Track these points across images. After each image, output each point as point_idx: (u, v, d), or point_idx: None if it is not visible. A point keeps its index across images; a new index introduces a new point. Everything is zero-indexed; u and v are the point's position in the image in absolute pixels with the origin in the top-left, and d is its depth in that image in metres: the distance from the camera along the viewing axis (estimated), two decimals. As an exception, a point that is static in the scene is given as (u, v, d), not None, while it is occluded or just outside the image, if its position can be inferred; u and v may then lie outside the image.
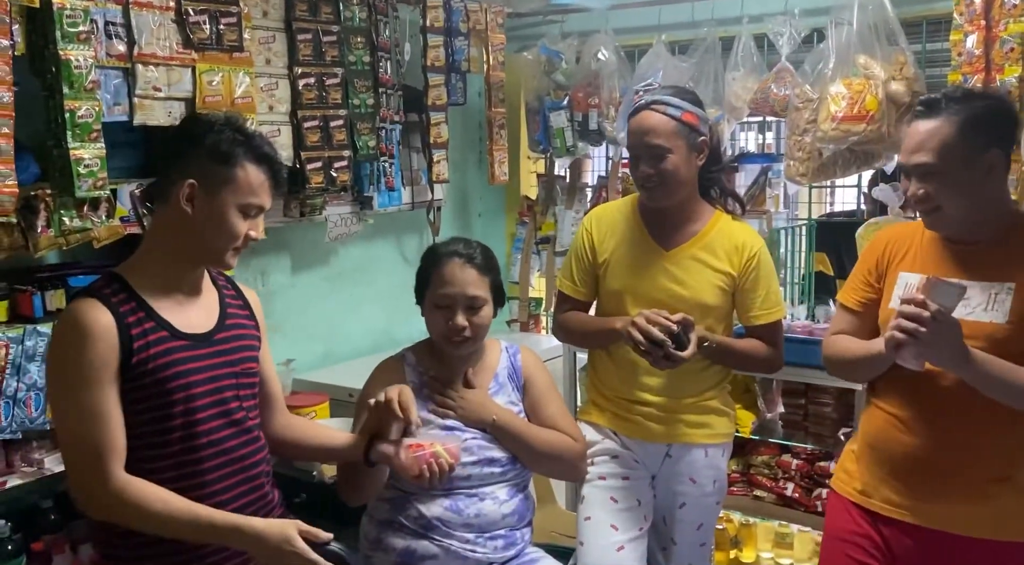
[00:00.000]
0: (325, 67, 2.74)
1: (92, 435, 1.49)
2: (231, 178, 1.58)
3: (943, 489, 1.73)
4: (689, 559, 2.23)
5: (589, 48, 3.33)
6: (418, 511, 1.98)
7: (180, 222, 1.59)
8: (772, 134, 3.64)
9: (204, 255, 1.64)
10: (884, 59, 2.67)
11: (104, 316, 1.52)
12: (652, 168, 2.07)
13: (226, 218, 1.59)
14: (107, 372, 1.51)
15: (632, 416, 2.18)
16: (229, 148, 1.58)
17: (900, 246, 1.86)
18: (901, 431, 1.78)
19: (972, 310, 1.70)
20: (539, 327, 3.82)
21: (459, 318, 1.99)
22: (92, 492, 1.52)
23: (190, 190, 1.57)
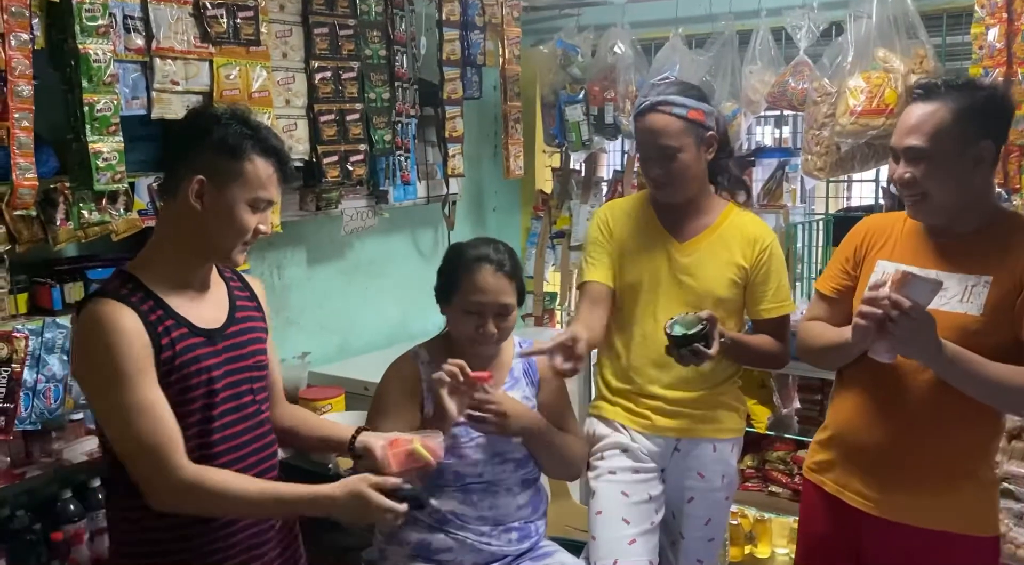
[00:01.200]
0: (341, 61, 2.74)
1: (150, 432, 1.48)
2: (240, 172, 1.55)
3: (908, 482, 1.75)
4: (697, 554, 2.23)
5: (605, 42, 3.32)
6: (431, 506, 1.98)
7: (189, 218, 1.57)
8: (789, 128, 3.61)
9: (213, 251, 1.62)
10: (903, 52, 2.65)
11: (130, 317, 1.51)
12: (662, 168, 2.09)
13: (235, 213, 1.57)
14: (148, 367, 1.51)
15: (640, 410, 2.19)
16: (237, 142, 1.56)
17: (880, 235, 1.85)
18: (868, 422, 1.79)
19: (947, 301, 1.70)
20: (553, 321, 3.82)
21: (490, 326, 1.98)
22: (163, 486, 1.51)
23: (199, 186, 1.55)
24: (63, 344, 2.13)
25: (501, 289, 1.99)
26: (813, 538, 1.94)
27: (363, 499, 1.54)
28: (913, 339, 1.60)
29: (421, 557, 2.00)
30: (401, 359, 2.11)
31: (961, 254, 1.73)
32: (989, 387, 1.64)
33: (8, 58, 1.91)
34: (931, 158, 1.67)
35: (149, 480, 1.52)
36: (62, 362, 2.13)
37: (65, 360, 2.13)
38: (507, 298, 2.00)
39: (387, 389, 2.04)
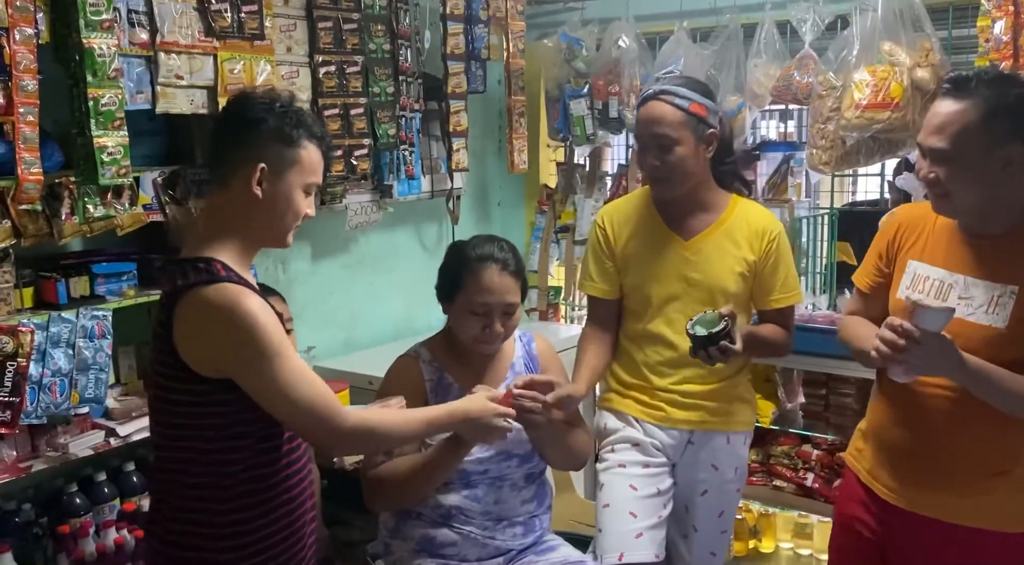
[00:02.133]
0: (345, 55, 2.74)
1: (314, 393, 1.55)
2: (296, 159, 1.59)
3: (940, 482, 1.73)
4: (710, 546, 2.23)
5: (610, 35, 3.31)
6: (436, 500, 1.99)
7: (247, 206, 1.58)
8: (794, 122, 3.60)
9: (272, 236, 1.65)
10: (909, 46, 2.63)
11: (255, 296, 1.54)
12: (658, 160, 2.06)
13: (293, 199, 1.60)
14: (287, 338, 1.57)
15: (655, 403, 2.18)
16: (292, 129, 1.59)
17: (912, 231, 1.82)
18: (900, 424, 1.78)
19: (973, 311, 1.67)
20: (558, 316, 3.82)
21: (497, 326, 1.97)
22: (338, 435, 1.59)
23: (261, 173, 1.56)
24: (69, 338, 2.13)
25: (507, 288, 1.98)
26: (847, 520, 1.92)
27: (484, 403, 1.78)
28: (927, 364, 1.61)
29: (425, 551, 2.00)
30: (403, 359, 2.09)
31: (992, 259, 1.68)
32: (1013, 400, 1.62)
33: (13, 52, 1.91)
34: (954, 161, 1.61)
35: (325, 434, 1.59)
36: (67, 356, 2.13)
37: (71, 354, 2.13)
38: (513, 297, 1.99)
39: (391, 391, 2.01)
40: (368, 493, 1.99)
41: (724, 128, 2.15)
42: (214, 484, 1.57)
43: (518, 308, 2.02)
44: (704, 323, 1.95)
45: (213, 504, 1.57)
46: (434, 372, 2.05)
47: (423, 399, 2.01)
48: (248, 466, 1.58)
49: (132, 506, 2.32)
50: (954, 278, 1.70)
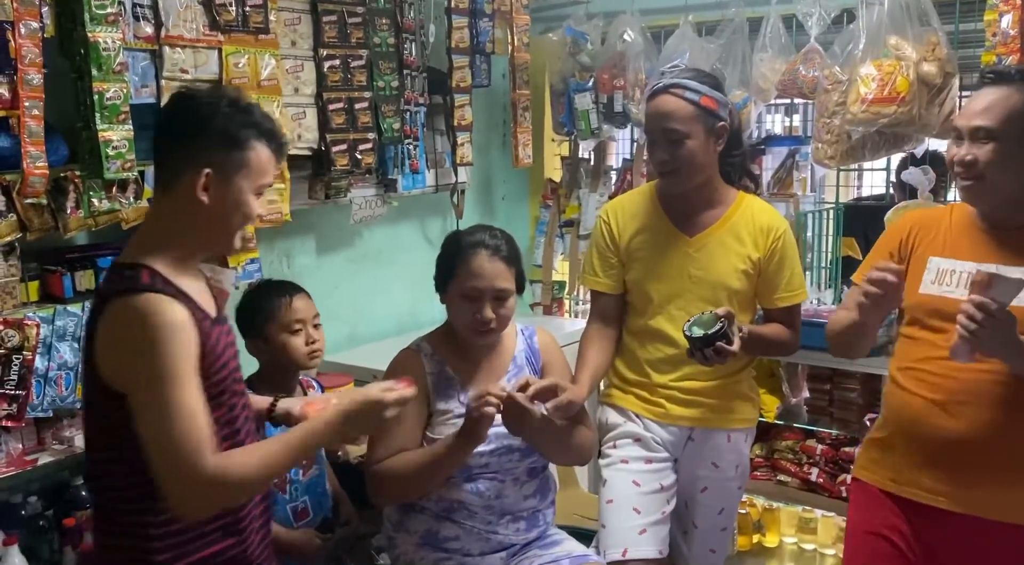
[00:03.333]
0: (350, 49, 2.74)
1: (187, 434, 1.39)
2: (245, 162, 1.50)
3: (981, 474, 1.71)
4: (710, 543, 2.23)
5: (615, 29, 3.30)
6: (439, 494, 1.99)
7: (190, 212, 1.49)
8: (799, 117, 3.59)
9: (215, 243, 1.58)
10: (916, 40, 2.62)
11: (181, 310, 1.44)
12: (668, 154, 2.05)
13: (242, 203, 1.52)
14: (194, 365, 1.44)
15: (655, 399, 2.18)
16: (239, 130, 1.49)
17: (927, 230, 1.82)
18: (937, 416, 1.74)
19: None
20: (562, 310, 3.82)
21: (487, 311, 1.97)
22: (192, 489, 1.41)
23: (207, 180, 1.48)
24: (74, 332, 2.14)
25: (497, 273, 1.98)
26: (871, 538, 1.87)
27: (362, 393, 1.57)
28: (997, 338, 1.60)
29: (429, 545, 2.01)
30: (404, 353, 2.09)
31: (1018, 247, 1.70)
32: None
33: (18, 46, 1.91)
34: (998, 140, 1.64)
35: (177, 484, 1.41)
36: (73, 350, 2.14)
37: (76, 348, 2.14)
38: (503, 283, 1.98)
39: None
40: (372, 487, 1.99)
41: (733, 120, 2.14)
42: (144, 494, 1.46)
43: (511, 297, 2.01)
44: (700, 324, 1.94)
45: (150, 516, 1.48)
46: (435, 365, 2.05)
47: (425, 393, 2.01)
48: None
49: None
50: (985, 267, 1.69)
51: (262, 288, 2.27)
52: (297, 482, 2.14)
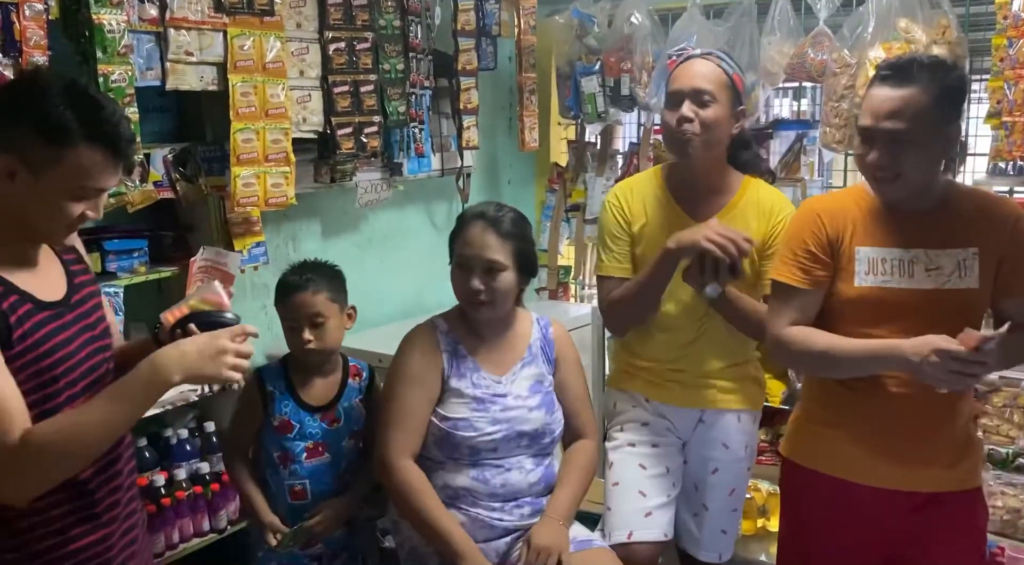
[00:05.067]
0: (356, 31, 2.72)
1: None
2: (60, 160, 1.34)
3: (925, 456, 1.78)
4: (721, 525, 2.24)
5: (622, 12, 3.27)
6: (444, 481, 2.00)
7: (2, 196, 1.37)
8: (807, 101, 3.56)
9: (35, 234, 1.44)
10: (926, 22, 2.60)
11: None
12: (692, 113, 2.00)
13: (52, 203, 1.37)
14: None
15: (665, 382, 2.18)
16: (59, 125, 1.33)
17: (843, 219, 1.80)
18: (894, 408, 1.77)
19: (948, 279, 1.73)
20: (568, 295, 3.82)
21: (475, 280, 1.98)
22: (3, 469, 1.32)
23: (8, 167, 1.34)
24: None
25: (487, 244, 1.98)
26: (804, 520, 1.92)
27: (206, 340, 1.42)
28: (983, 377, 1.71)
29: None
30: (419, 328, 2.10)
31: (936, 230, 1.74)
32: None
33: (23, 28, 1.90)
34: (911, 142, 1.66)
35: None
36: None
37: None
38: (493, 254, 1.98)
39: (408, 359, 2.04)
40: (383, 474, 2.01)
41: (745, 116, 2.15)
42: None
43: (504, 271, 1.99)
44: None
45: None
46: (450, 343, 2.06)
47: (440, 368, 2.02)
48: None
49: (144, 481, 2.35)
50: (912, 253, 1.74)
51: (291, 273, 2.17)
52: (299, 463, 2.13)
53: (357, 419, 2.19)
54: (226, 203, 2.51)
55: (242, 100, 2.39)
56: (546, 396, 2.09)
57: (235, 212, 2.49)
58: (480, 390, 2.02)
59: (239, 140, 2.40)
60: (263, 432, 2.15)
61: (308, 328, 2.09)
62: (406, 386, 2.00)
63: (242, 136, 2.40)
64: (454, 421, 1.99)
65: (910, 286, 1.74)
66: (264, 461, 2.16)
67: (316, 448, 2.14)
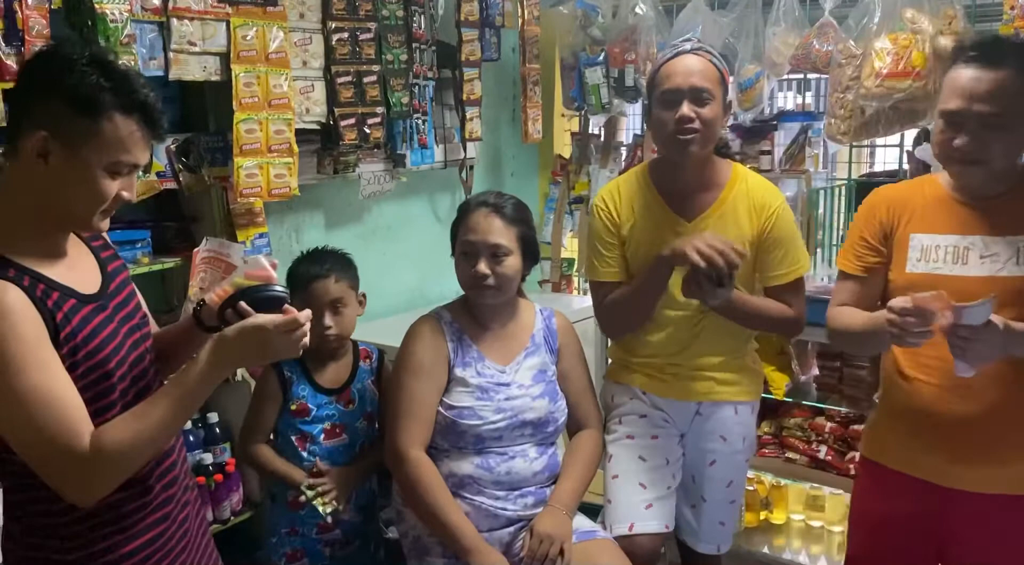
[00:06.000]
0: (359, 22, 2.72)
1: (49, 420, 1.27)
2: (96, 132, 1.29)
3: (991, 453, 1.72)
4: (719, 516, 2.24)
5: (626, 2, 3.25)
6: (449, 469, 2.01)
7: (36, 180, 1.32)
8: (812, 92, 3.55)
9: (68, 219, 1.37)
10: (932, 13, 2.58)
11: (13, 292, 1.27)
12: (692, 112, 1.97)
13: (90, 179, 1.31)
14: (41, 347, 1.28)
15: (662, 375, 2.17)
16: (93, 94, 1.29)
17: (902, 207, 1.80)
18: (946, 401, 1.74)
19: (1003, 265, 1.68)
20: (571, 287, 3.81)
21: (481, 265, 1.99)
22: (74, 472, 1.30)
23: (42, 143, 1.29)
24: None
25: (492, 228, 2.00)
26: (884, 523, 1.88)
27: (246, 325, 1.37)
28: (988, 352, 1.59)
29: (438, 518, 2.02)
30: (424, 319, 2.11)
31: (999, 217, 1.70)
32: None
33: (25, 17, 1.90)
34: (1003, 127, 1.63)
35: (56, 472, 1.31)
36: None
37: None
38: (497, 238, 1.99)
39: (415, 349, 2.04)
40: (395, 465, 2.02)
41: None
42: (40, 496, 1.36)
43: (509, 255, 2.00)
44: None
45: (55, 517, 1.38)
46: (454, 334, 2.07)
47: (446, 358, 2.03)
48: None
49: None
50: (969, 240, 1.71)
51: (306, 261, 2.19)
52: (318, 444, 2.17)
53: (371, 400, 2.24)
54: (229, 194, 2.51)
55: (245, 90, 2.39)
56: (549, 385, 2.09)
57: (238, 203, 2.49)
58: (484, 379, 2.02)
59: (242, 130, 2.39)
60: (280, 418, 2.18)
61: (330, 314, 2.13)
62: (415, 377, 2.01)
63: (245, 126, 2.40)
64: (459, 410, 2.00)
65: (963, 273, 1.70)
66: (281, 446, 2.18)
67: (334, 430, 2.18)
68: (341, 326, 2.16)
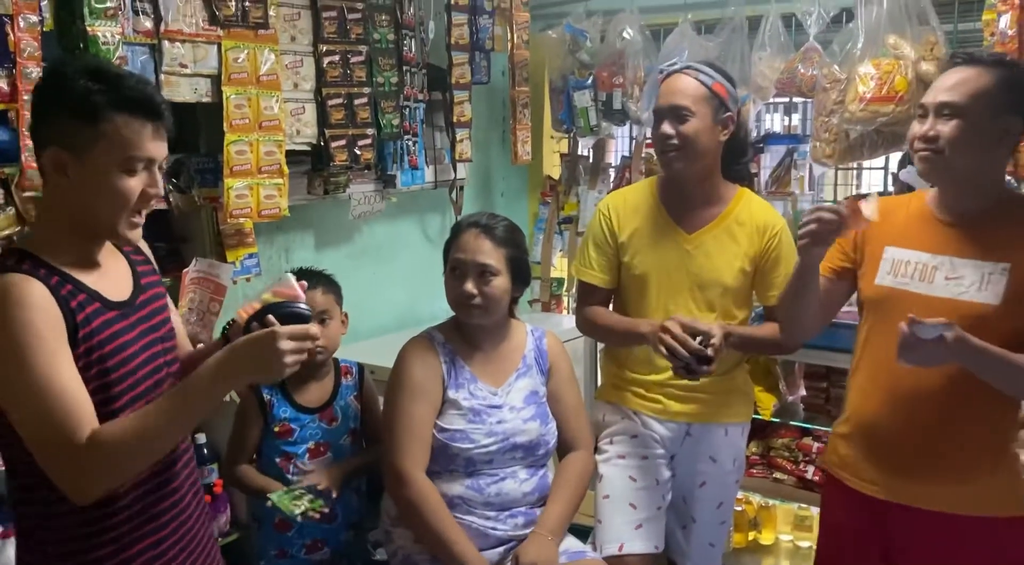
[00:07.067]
0: (350, 45, 2.74)
1: (52, 412, 1.31)
2: (99, 135, 1.34)
3: (937, 473, 1.73)
4: (709, 537, 2.24)
5: (614, 27, 3.30)
6: (439, 490, 1.99)
7: (62, 194, 1.39)
8: (798, 115, 3.59)
9: (99, 226, 1.42)
10: (914, 39, 2.62)
11: (38, 289, 1.33)
12: (672, 129, 2.05)
13: (108, 182, 1.36)
14: (56, 342, 1.32)
15: (652, 395, 2.19)
16: (86, 101, 1.33)
17: (884, 221, 1.80)
18: (890, 417, 1.77)
19: (965, 290, 1.69)
20: (560, 307, 3.82)
21: (468, 284, 2.00)
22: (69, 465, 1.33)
23: (56, 157, 1.35)
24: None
25: (480, 248, 2.01)
26: (837, 532, 1.92)
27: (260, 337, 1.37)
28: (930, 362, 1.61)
29: (427, 539, 2.01)
30: (417, 339, 2.11)
31: (974, 240, 1.71)
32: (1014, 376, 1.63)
33: (17, 40, 1.92)
34: (963, 117, 1.65)
35: (55, 463, 1.34)
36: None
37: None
38: (485, 258, 2.00)
39: (410, 370, 2.04)
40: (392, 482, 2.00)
41: (742, 129, 2.17)
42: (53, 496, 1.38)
43: (497, 276, 2.01)
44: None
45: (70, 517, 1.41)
46: (447, 355, 2.07)
47: (440, 379, 2.03)
48: None
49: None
50: (938, 259, 1.72)
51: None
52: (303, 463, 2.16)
53: (354, 416, 2.24)
54: (219, 214, 2.52)
55: (236, 112, 2.40)
56: (540, 407, 2.10)
57: (228, 223, 2.50)
58: (477, 401, 2.03)
59: (232, 152, 2.41)
60: (264, 440, 2.17)
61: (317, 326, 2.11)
62: (411, 398, 2.01)
63: (235, 148, 2.41)
64: (451, 432, 2.00)
65: (927, 292, 1.71)
66: (265, 468, 2.17)
67: (318, 448, 2.18)
68: (327, 338, 2.16)
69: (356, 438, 2.25)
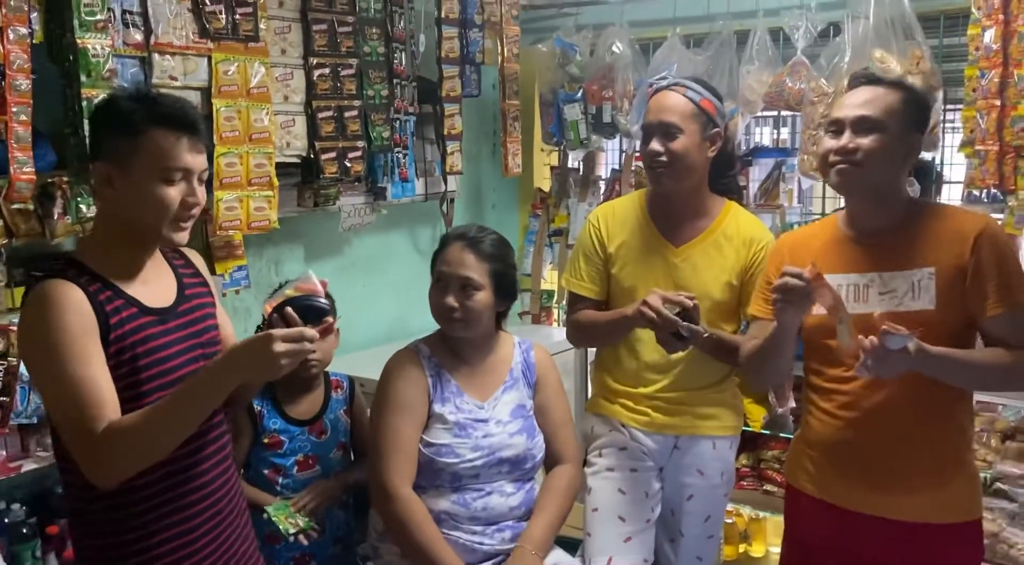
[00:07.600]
0: (340, 58, 2.75)
1: (79, 403, 1.42)
2: (138, 148, 1.49)
3: (900, 480, 1.76)
4: (697, 551, 2.23)
5: (604, 41, 3.32)
6: (428, 504, 1.98)
7: (111, 205, 1.54)
8: (787, 129, 3.62)
9: (144, 233, 1.55)
10: (900, 53, 2.65)
11: (75, 293, 1.46)
12: (661, 146, 2.06)
13: (148, 190, 1.49)
14: (88, 342, 1.45)
15: (640, 408, 2.19)
16: (126, 117, 1.49)
17: (804, 250, 1.85)
18: (852, 432, 1.78)
19: (900, 300, 1.73)
20: (551, 319, 3.83)
21: (449, 297, 2.00)
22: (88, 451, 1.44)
23: (105, 171, 1.51)
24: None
25: (463, 262, 2.01)
26: (804, 544, 1.93)
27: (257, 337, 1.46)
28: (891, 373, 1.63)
29: (415, 554, 2.00)
30: (403, 353, 2.10)
31: (894, 252, 1.76)
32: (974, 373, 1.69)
33: (6, 52, 1.92)
34: (881, 131, 1.71)
35: (79, 450, 1.46)
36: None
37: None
38: (468, 271, 2.00)
39: (396, 385, 2.03)
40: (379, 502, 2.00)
41: (729, 143, 2.18)
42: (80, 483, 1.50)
43: (480, 291, 2.00)
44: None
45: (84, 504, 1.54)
46: (433, 368, 2.07)
47: (426, 394, 2.02)
48: None
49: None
50: (867, 278, 1.76)
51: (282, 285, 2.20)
52: (292, 477, 2.15)
53: (343, 430, 2.24)
54: (208, 226, 2.51)
55: (226, 124, 2.40)
56: (527, 421, 2.09)
57: (217, 235, 2.50)
58: (463, 415, 2.02)
59: (222, 164, 2.41)
60: (253, 451, 2.16)
61: None
62: (398, 414, 1.99)
63: (225, 160, 2.41)
64: (437, 447, 1.99)
65: (866, 310, 1.73)
66: (253, 479, 2.17)
67: (307, 461, 2.17)
68: (322, 350, 2.13)
69: (345, 452, 2.24)
